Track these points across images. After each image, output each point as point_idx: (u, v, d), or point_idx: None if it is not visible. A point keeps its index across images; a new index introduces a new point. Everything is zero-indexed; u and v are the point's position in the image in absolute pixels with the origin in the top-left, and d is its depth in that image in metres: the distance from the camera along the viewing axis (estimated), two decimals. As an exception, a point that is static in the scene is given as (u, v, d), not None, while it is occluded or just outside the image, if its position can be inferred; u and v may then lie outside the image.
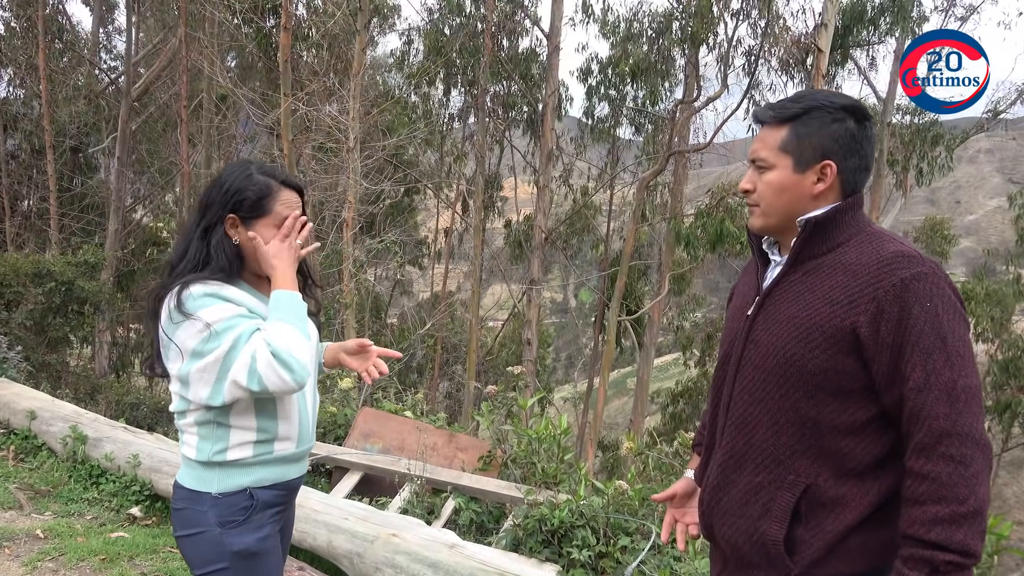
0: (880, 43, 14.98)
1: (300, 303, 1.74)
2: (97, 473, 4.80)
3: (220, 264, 1.75)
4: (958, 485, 1.30)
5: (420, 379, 17.46)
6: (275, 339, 1.62)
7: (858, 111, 1.53)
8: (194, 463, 1.76)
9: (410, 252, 17.80)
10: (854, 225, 1.51)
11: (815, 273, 1.50)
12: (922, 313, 1.37)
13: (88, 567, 3.68)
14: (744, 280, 1.77)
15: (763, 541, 1.48)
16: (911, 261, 1.41)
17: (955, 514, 1.29)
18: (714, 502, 1.61)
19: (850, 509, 1.44)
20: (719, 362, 1.71)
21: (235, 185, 1.78)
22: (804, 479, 1.46)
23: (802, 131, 1.51)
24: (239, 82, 12.17)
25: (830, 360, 1.43)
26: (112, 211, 13.50)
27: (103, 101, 15.39)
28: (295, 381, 1.62)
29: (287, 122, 9.27)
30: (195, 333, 1.63)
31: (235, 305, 1.69)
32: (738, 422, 1.57)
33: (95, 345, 13.18)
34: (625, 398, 31.51)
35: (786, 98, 1.59)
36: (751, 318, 1.59)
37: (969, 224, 74.18)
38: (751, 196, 1.59)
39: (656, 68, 14.61)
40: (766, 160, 1.55)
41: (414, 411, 5.31)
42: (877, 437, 1.45)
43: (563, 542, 3.42)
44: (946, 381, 1.34)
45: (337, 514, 3.52)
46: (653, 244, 16.54)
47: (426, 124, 15.07)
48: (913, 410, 1.36)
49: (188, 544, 1.75)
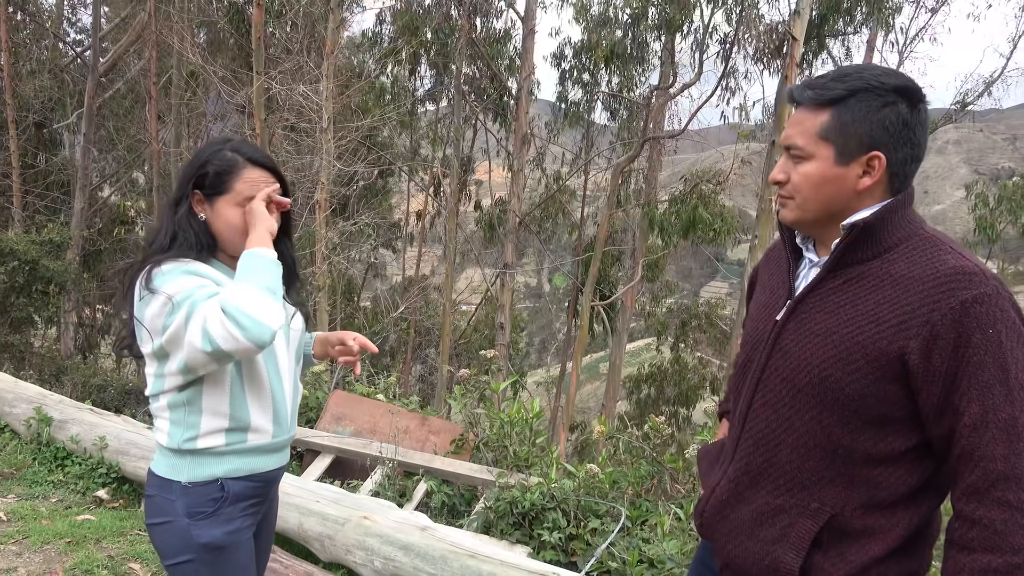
0: (856, 33, 15.12)
1: (269, 261, 1.60)
2: (62, 455, 4.73)
3: (187, 241, 1.68)
4: (1013, 534, 1.17)
5: (393, 362, 17.42)
6: (227, 297, 1.51)
7: (912, 93, 1.31)
8: (166, 450, 1.71)
9: (384, 235, 17.68)
10: (905, 227, 1.32)
11: (859, 282, 1.32)
12: (983, 341, 1.20)
13: (53, 550, 3.63)
14: (771, 272, 1.56)
15: (775, 568, 1.36)
16: (972, 280, 1.22)
17: (1009, 565, 1.17)
18: (720, 517, 1.47)
19: (877, 541, 1.30)
20: (741, 364, 1.54)
21: (201, 159, 1.72)
22: (830, 508, 1.32)
23: (847, 116, 1.30)
24: (209, 58, 11.93)
25: (872, 386, 1.27)
26: (78, 189, 13.21)
27: (68, 76, 15.01)
28: (248, 339, 1.48)
29: (259, 101, 9.13)
30: (159, 307, 1.57)
31: (201, 278, 1.62)
32: (758, 437, 1.41)
33: (60, 326, 12.95)
34: (597, 383, 31.73)
35: (827, 75, 1.36)
36: (780, 324, 1.41)
37: (936, 214, 75.59)
38: (784, 188, 1.39)
39: (631, 54, 14.62)
40: (803, 149, 1.35)
41: (386, 394, 5.29)
42: (914, 467, 1.31)
43: (534, 524, 3.44)
44: (1006, 419, 1.19)
45: (308, 497, 3.50)
46: (627, 230, 16.62)
47: (399, 106, 14.93)
48: (967, 448, 1.21)
49: (157, 533, 1.71)
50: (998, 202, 16.93)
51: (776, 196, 1.47)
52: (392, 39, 15.55)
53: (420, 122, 18.11)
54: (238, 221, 1.70)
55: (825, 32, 14.30)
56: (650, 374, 19.81)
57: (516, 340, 19.48)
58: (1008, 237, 17.36)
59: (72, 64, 15.59)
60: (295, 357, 1.86)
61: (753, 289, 1.65)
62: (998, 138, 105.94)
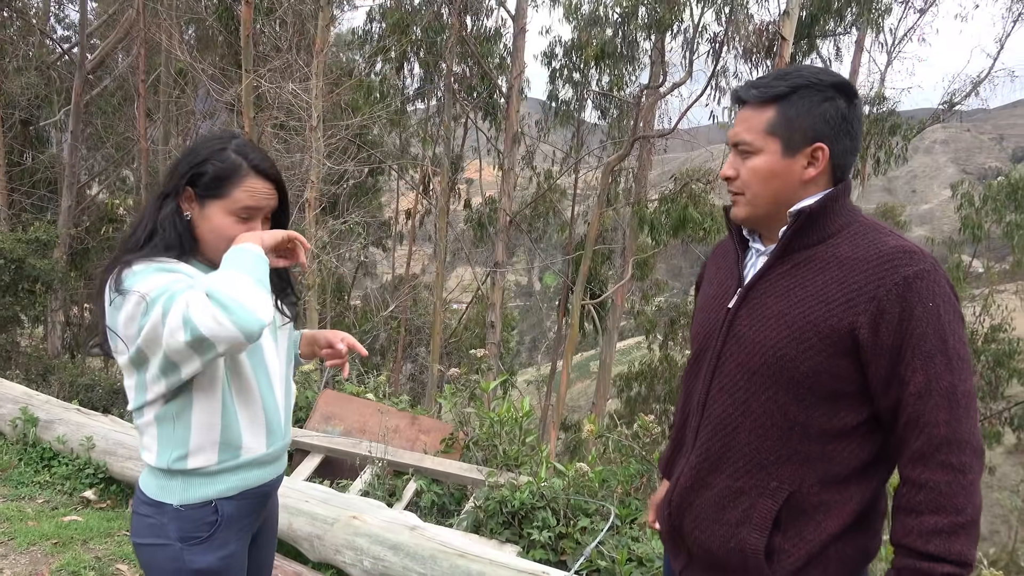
0: (845, 33, 15.19)
1: (256, 256, 1.46)
2: (49, 456, 4.69)
3: (166, 239, 1.55)
4: (957, 495, 1.25)
5: (383, 361, 17.38)
6: (212, 282, 1.37)
7: (848, 89, 1.41)
8: (155, 470, 1.60)
9: (374, 233, 17.63)
10: (846, 214, 1.41)
11: (806, 266, 1.40)
12: (924, 314, 1.28)
13: (39, 551, 3.60)
14: (719, 265, 1.63)
15: (741, 549, 1.41)
16: (913, 257, 1.31)
17: (954, 524, 1.24)
18: (685, 504, 1.52)
19: (833, 517, 1.37)
20: (693, 356, 1.59)
21: (202, 155, 1.57)
22: (788, 486, 1.38)
23: (791, 112, 1.39)
24: (198, 56, 11.86)
25: (825, 362, 1.34)
26: (65, 187, 13.11)
27: (55, 72, 14.90)
28: (235, 323, 1.33)
29: (248, 99, 9.08)
30: (132, 308, 1.44)
31: (176, 273, 1.49)
32: (716, 423, 1.46)
33: (47, 325, 12.85)
34: (588, 381, 31.79)
35: (769, 75, 1.46)
36: (733, 311, 1.47)
37: (924, 213, 76.07)
38: (734, 183, 1.47)
39: (621, 53, 14.63)
40: (751, 144, 1.42)
41: (376, 393, 5.28)
42: (865, 441, 1.38)
43: (524, 523, 3.44)
44: (947, 386, 1.27)
45: (297, 496, 3.49)
46: (617, 229, 16.63)
47: (389, 104, 14.89)
48: (912, 416, 1.29)
49: (146, 553, 1.61)
50: (984, 202, 17.05)
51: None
52: (382, 36, 15.50)
53: (410, 120, 18.07)
54: (228, 230, 1.58)
55: (815, 32, 14.36)
56: (640, 372, 19.85)
57: (507, 339, 19.49)
58: (993, 236, 17.48)
59: (59, 61, 15.47)
60: (286, 360, 1.76)
61: (699, 289, 1.72)
62: (985, 138, 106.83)
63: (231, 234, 1.58)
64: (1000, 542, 17.11)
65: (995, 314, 18.19)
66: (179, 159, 1.61)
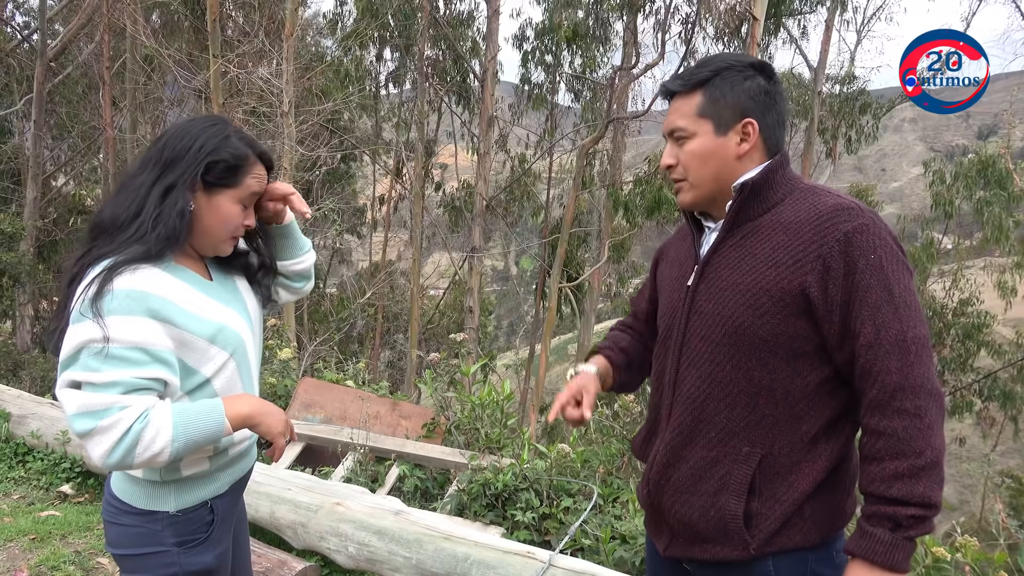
0: (812, 12, 15.27)
1: (220, 425, 1.46)
2: (23, 451, 4.62)
3: (169, 232, 1.47)
4: (915, 438, 1.29)
5: (361, 348, 17.30)
6: (186, 436, 1.40)
7: (766, 68, 1.50)
8: (142, 481, 1.53)
9: (348, 220, 17.48)
10: (787, 184, 1.47)
11: (754, 236, 1.45)
12: (867, 266, 1.33)
13: (17, 547, 3.55)
14: (677, 247, 1.69)
15: (721, 516, 1.45)
16: (851, 213, 1.37)
17: (914, 467, 1.28)
18: (664, 480, 1.56)
19: (804, 476, 1.41)
20: (660, 337, 1.64)
21: (210, 144, 1.51)
22: (759, 450, 1.43)
23: (716, 93, 1.46)
24: (165, 42, 11.62)
25: (781, 324, 1.39)
26: (30, 178, 12.81)
27: (14, 60, 14.51)
28: (158, 461, 1.40)
29: (217, 85, 8.93)
30: (87, 335, 1.35)
31: (149, 333, 1.39)
32: (687, 398, 1.51)
33: (16, 319, 12.62)
34: (566, 364, 31.92)
35: (691, 66, 1.55)
36: (692, 288, 1.53)
37: (893, 191, 77.11)
38: (675, 171, 1.53)
39: (594, 34, 14.58)
40: (686, 128, 1.49)
41: (356, 380, 5.26)
42: (829, 398, 1.42)
43: (507, 505, 3.46)
44: (896, 334, 1.32)
45: (279, 485, 3.47)
46: (593, 211, 16.66)
47: (361, 89, 14.72)
48: (865, 367, 1.34)
49: (133, 563, 1.54)
50: (955, 178, 17.30)
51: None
52: (356, 20, 15.29)
53: (383, 105, 17.89)
54: (236, 218, 1.57)
55: (783, 11, 14.42)
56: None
57: (485, 323, 19.49)
58: (963, 212, 17.76)
59: (19, 48, 15.06)
60: (259, 347, 1.74)
61: (657, 267, 1.78)
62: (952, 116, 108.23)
63: (238, 222, 1.59)
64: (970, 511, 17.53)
65: (964, 288, 18.54)
66: (176, 147, 1.52)
